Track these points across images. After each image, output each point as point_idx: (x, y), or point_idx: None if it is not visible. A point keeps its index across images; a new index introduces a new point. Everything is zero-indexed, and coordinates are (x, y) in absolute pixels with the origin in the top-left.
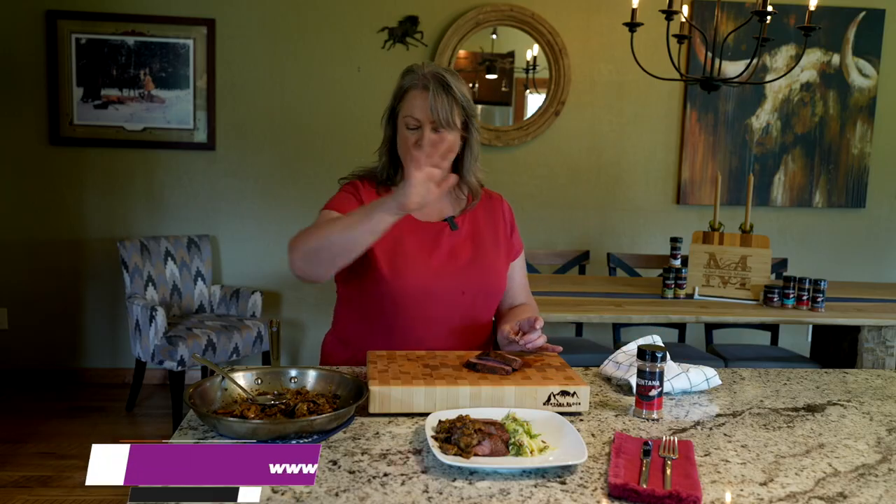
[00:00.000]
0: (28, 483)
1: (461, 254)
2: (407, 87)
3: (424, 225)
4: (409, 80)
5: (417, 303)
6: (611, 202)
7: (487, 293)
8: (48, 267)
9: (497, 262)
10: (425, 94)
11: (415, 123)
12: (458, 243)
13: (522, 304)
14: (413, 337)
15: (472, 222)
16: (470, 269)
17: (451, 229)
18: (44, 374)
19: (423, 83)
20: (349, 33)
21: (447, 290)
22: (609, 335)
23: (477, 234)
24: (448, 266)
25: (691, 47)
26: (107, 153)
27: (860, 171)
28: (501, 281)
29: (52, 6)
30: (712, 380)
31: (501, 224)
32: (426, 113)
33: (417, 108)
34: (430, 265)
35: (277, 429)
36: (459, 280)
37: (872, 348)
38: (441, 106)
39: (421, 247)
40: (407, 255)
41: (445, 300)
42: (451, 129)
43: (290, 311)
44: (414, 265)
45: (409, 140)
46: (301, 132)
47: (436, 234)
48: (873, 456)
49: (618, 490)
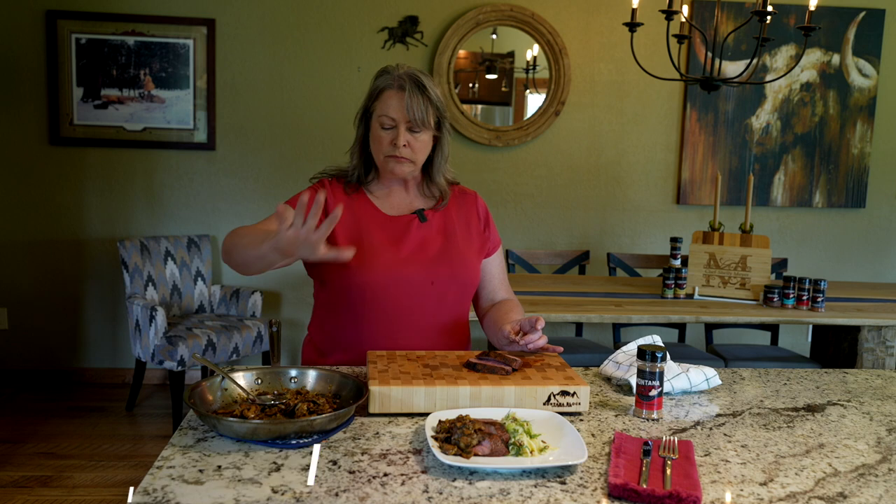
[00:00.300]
0: (28, 483)
1: (430, 246)
2: (382, 88)
3: (392, 218)
4: (384, 81)
5: (384, 294)
6: (611, 202)
7: (458, 284)
8: (48, 267)
9: (468, 254)
10: (401, 94)
11: (390, 123)
12: (429, 236)
13: (504, 300)
14: (383, 331)
15: (443, 216)
16: (439, 260)
17: (420, 221)
18: (44, 374)
19: (399, 83)
20: (349, 33)
21: (415, 280)
22: (609, 335)
23: (448, 227)
24: (416, 256)
25: (691, 47)
26: (107, 153)
27: (860, 171)
28: (472, 273)
29: (52, 6)
30: (712, 380)
31: (475, 219)
32: (402, 113)
33: (393, 108)
34: (397, 256)
35: (277, 429)
36: (428, 270)
37: (872, 348)
38: (417, 106)
39: (388, 239)
40: (373, 246)
41: (413, 291)
42: (425, 128)
43: (290, 311)
44: (380, 255)
45: (384, 140)
46: (301, 132)
47: (404, 227)
48: (873, 456)
49: (618, 490)
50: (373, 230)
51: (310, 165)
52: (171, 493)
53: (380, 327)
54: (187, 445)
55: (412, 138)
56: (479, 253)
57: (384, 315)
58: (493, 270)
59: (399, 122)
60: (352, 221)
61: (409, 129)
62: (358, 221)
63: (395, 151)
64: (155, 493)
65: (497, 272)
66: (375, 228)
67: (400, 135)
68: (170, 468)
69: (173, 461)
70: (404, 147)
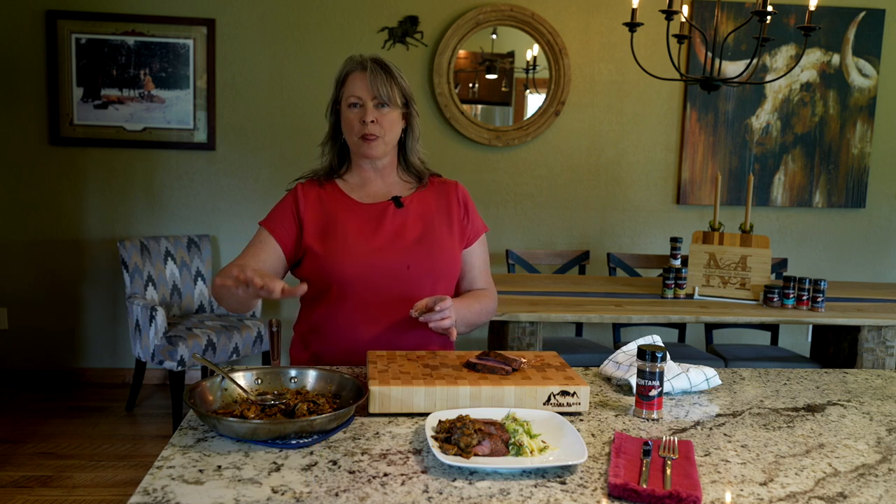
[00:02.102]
0: (28, 483)
1: (407, 233)
2: (347, 72)
3: (366, 206)
4: (348, 66)
5: (358, 284)
6: (611, 202)
7: (436, 274)
8: (48, 267)
9: (448, 243)
10: (364, 73)
11: (357, 101)
12: (406, 223)
13: (477, 290)
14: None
15: (421, 203)
16: (416, 247)
17: (396, 207)
18: (44, 374)
19: (362, 65)
20: (349, 33)
21: (390, 267)
22: (609, 335)
23: (427, 214)
24: (392, 244)
25: (691, 47)
26: (107, 153)
27: (860, 171)
28: (452, 263)
29: (52, 6)
30: (712, 380)
31: (456, 207)
32: (367, 90)
33: (358, 87)
34: (370, 244)
35: (277, 429)
36: (404, 258)
37: (872, 348)
38: (381, 83)
39: (361, 227)
40: (346, 234)
41: (390, 278)
42: (392, 106)
43: (290, 311)
44: (351, 245)
45: (354, 120)
46: (301, 132)
47: (378, 214)
48: (873, 456)
49: (618, 490)
50: (345, 219)
51: (310, 165)
52: (171, 493)
53: (357, 316)
54: (187, 445)
55: (379, 115)
56: (459, 241)
57: (361, 304)
58: (473, 261)
59: (366, 100)
60: (322, 214)
61: (376, 107)
62: (329, 213)
63: (365, 129)
64: (155, 493)
65: (478, 262)
66: (348, 217)
67: (368, 111)
68: (170, 468)
69: (173, 461)
70: (373, 123)
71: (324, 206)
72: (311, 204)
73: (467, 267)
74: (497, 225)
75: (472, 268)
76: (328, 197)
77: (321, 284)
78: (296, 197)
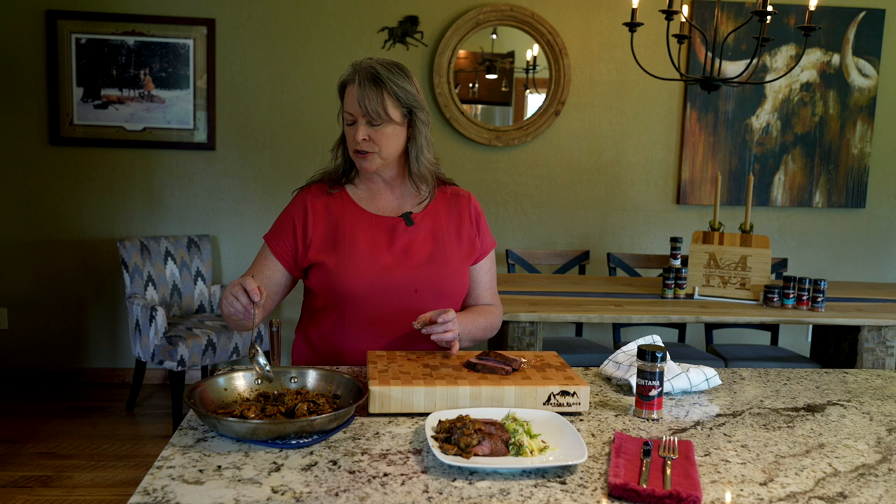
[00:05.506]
0: (28, 483)
1: (418, 252)
2: (344, 83)
3: (378, 219)
4: (346, 77)
5: (366, 301)
6: (611, 202)
7: (443, 294)
8: (48, 267)
9: (457, 262)
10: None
11: (350, 119)
12: (417, 240)
13: (482, 306)
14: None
15: (432, 219)
16: (425, 268)
17: (407, 225)
18: (44, 374)
19: (356, 77)
20: (349, 33)
21: (398, 287)
22: (609, 335)
23: (438, 231)
24: (402, 262)
25: (691, 47)
26: (107, 153)
27: (860, 171)
28: (459, 283)
29: (52, 6)
30: (712, 380)
31: (467, 223)
32: (356, 107)
33: (350, 103)
34: (381, 261)
35: (277, 429)
36: (412, 278)
37: (872, 348)
38: (368, 99)
39: (373, 242)
40: (356, 249)
41: (396, 297)
42: (385, 121)
43: (290, 311)
44: (362, 260)
45: (349, 136)
46: (301, 132)
47: (390, 230)
48: (873, 456)
49: (618, 490)
50: (355, 231)
51: (309, 165)
52: (171, 493)
53: (361, 333)
54: (187, 445)
55: (373, 132)
56: (467, 258)
57: (366, 321)
58: (479, 277)
59: (357, 117)
60: (330, 225)
61: (368, 123)
62: (338, 223)
63: (357, 146)
64: (155, 493)
65: (485, 279)
66: (357, 229)
67: (359, 129)
68: (170, 468)
69: (173, 461)
70: (364, 141)
71: (332, 217)
72: (319, 217)
73: (474, 283)
74: (497, 225)
75: (478, 284)
76: (337, 206)
77: (329, 296)
78: (304, 209)
